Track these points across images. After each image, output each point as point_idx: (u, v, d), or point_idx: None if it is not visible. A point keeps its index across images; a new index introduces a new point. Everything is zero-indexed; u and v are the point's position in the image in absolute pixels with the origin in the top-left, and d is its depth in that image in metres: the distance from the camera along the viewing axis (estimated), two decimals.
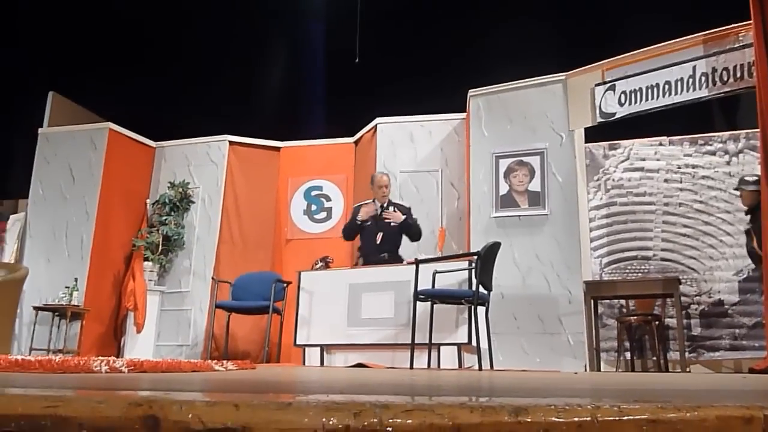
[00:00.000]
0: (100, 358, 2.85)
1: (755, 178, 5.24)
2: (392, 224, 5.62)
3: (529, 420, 0.85)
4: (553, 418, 0.86)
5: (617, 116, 5.63)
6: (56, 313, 6.40)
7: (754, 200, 5.04)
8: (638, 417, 0.87)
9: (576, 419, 0.86)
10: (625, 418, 0.87)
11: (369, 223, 5.66)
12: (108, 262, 6.84)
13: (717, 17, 5.29)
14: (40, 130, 7.29)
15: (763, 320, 4.89)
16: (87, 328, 6.47)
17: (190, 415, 0.86)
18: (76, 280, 6.46)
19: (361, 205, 5.81)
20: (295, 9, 8.04)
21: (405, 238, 5.72)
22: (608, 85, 5.70)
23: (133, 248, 6.98)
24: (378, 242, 5.63)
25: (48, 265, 6.73)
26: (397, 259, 5.53)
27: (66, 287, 6.39)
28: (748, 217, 5.53)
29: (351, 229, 5.80)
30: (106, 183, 6.90)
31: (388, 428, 0.85)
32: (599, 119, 5.75)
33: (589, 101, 5.81)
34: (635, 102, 5.55)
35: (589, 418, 0.86)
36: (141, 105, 7.85)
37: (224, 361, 3.51)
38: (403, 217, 5.59)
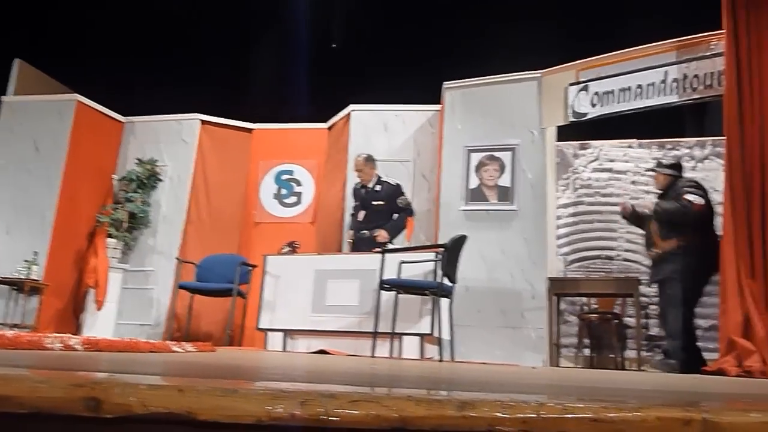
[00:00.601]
0: (55, 335, 2.80)
1: (671, 162, 5.37)
2: (377, 203, 5.73)
3: (473, 415, 0.86)
4: (498, 414, 0.87)
5: (589, 116, 5.70)
6: (14, 287, 6.27)
7: (667, 183, 5.16)
8: (581, 415, 0.88)
9: (520, 415, 0.87)
10: (568, 416, 0.88)
11: (357, 202, 5.94)
12: (70, 237, 6.71)
13: (691, 25, 5.38)
14: (3, 98, 7.09)
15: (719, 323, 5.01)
16: (46, 303, 6.34)
17: (132, 399, 0.85)
18: (36, 253, 6.32)
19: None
20: None
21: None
22: (582, 85, 5.75)
23: (96, 224, 6.85)
24: (360, 220, 5.70)
25: (7, 237, 6.58)
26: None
27: (25, 261, 6.25)
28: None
29: None
30: (71, 156, 6.75)
31: (333, 418, 0.85)
32: (571, 119, 5.81)
33: (563, 100, 5.86)
34: (607, 103, 5.62)
35: (533, 415, 0.87)
36: (112, 78, 7.67)
37: (184, 343, 3.48)
38: (387, 239, 5.65)
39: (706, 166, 6.41)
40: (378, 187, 5.89)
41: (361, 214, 5.82)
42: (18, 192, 6.68)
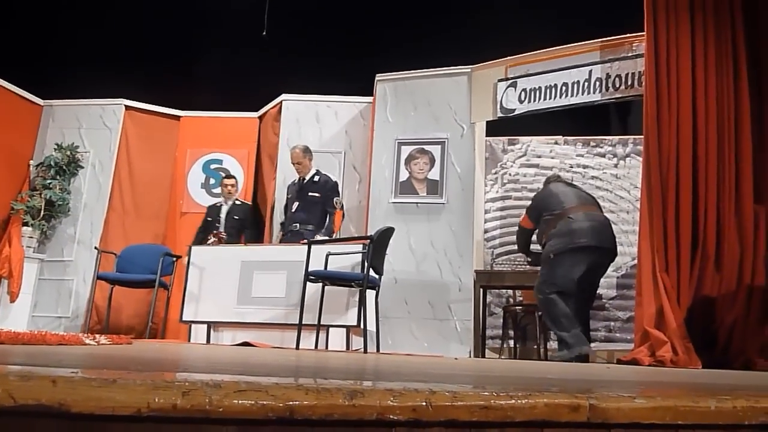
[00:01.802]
0: None
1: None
2: (312, 195, 5.70)
3: (363, 403, 0.85)
4: (389, 402, 0.86)
5: (516, 112, 5.80)
6: None
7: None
8: (471, 403, 0.88)
9: (410, 404, 0.87)
10: (459, 403, 0.88)
11: (289, 195, 5.92)
12: None
13: (614, 26, 5.54)
14: None
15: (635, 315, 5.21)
16: None
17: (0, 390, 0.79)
18: None
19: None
20: None
21: None
22: (510, 81, 5.86)
23: (11, 212, 6.52)
24: (293, 211, 5.66)
25: None
26: (315, 231, 5.58)
27: None
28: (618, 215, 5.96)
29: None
30: None
31: (219, 408, 0.82)
32: (500, 114, 5.90)
33: (492, 95, 5.95)
34: (534, 100, 5.74)
35: (423, 403, 0.87)
36: (30, 59, 7.30)
37: (98, 336, 3.35)
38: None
39: (628, 163, 6.65)
40: (316, 178, 5.83)
41: (295, 206, 5.76)
42: None
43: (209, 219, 6.30)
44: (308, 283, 4.54)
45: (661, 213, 4.69)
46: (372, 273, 4.46)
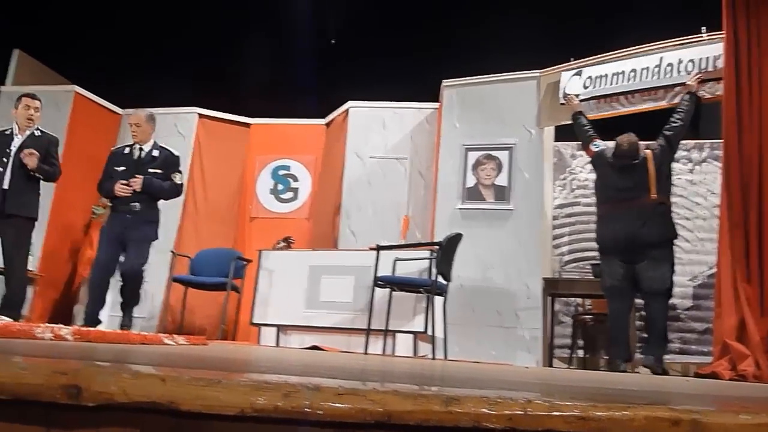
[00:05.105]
0: (46, 325, 2.79)
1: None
2: (153, 171, 5.06)
3: (459, 410, 0.85)
4: (484, 410, 0.86)
5: (581, 98, 5.61)
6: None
7: None
8: (568, 413, 0.87)
9: (507, 412, 0.86)
10: (555, 413, 0.87)
11: (123, 167, 5.12)
12: (66, 229, 6.68)
13: (691, 25, 5.35)
14: (2, 89, 7.06)
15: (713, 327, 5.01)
16: (40, 294, 6.32)
17: (113, 387, 0.83)
18: (31, 244, 6.28)
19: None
20: None
21: None
22: (575, 70, 5.74)
23: (92, 216, 6.83)
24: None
25: None
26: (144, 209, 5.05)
27: None
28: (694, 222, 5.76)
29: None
30: (68, 147, 6.70)
31: (319, 411, 0.84)
32: (561, 101, 5.75)
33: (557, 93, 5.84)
34: (600, 86, 5.59)
35: (520, 412, 0.86)
36: (110, 71, 7.65)
37: (176, 336, 3.46)
38: (139, 188, 4.94)
39: (704, 168, 6.41)
40: (156, 152, 5.16)
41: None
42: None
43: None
44: (376, 288, 4.57)
45: (743, 220, 4.50)
46: (440, 279, 4.45)
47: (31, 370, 0.87)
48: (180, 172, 5.28)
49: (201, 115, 7.34)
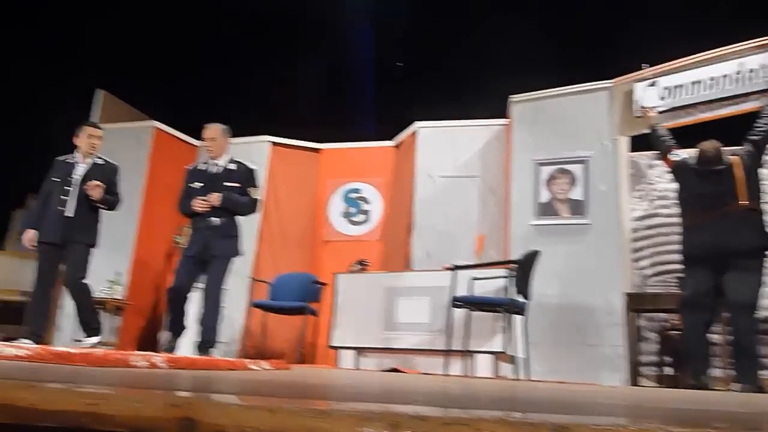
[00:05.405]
0: (139, 353, 2.90)
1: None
2: (230, 185, 5.00)
3: None
4: None
5: (659, 109, 5.44)
6: (98, 306, 6.53)
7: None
8: None
9: None
10: None
11: (201, 183, 5.10)
12: (150, 258, 6.97)
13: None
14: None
15: None
16: (128, 321, 6.60)
17: (225, 419, 0.86)
18: (118, 274, 6.59)
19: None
20: (342, 11, 8.08)
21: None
22: (650, 81, 5.57)
23: (174, 244, 7.10)
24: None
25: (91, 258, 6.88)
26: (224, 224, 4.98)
27: (108, 281, 6.52)
28: None
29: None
30: (150, 180, 7.03)
31: None
32: (636, 115, 5.58)
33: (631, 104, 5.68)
34: (677, 96, 5.40)
35: None
36: (186, 105, 7.98)
37: (260, 361, 3.53)
38: (218, 203, 4.89)
39: None
40: (232, 166, 5.11)
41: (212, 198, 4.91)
42: (102, 215, 6.99)
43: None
44: (453, 308, 4.53)
45: None
46: (519, 297, 4.38)
47: (146, 403, 0.90)
48: (257, 186, 5.19)
49: (274, 143, 7.53)
